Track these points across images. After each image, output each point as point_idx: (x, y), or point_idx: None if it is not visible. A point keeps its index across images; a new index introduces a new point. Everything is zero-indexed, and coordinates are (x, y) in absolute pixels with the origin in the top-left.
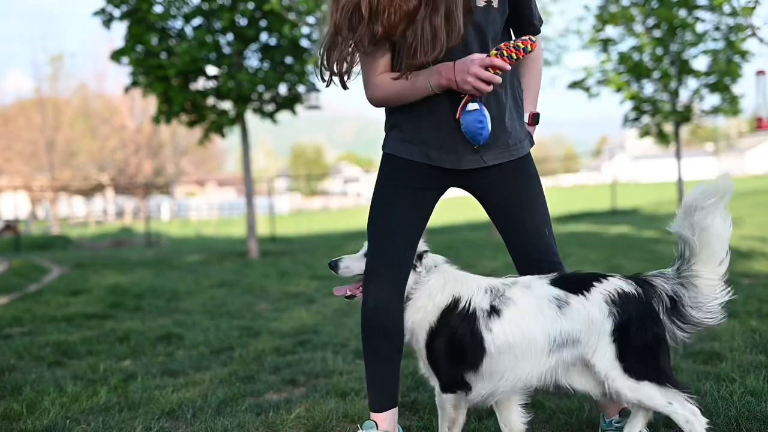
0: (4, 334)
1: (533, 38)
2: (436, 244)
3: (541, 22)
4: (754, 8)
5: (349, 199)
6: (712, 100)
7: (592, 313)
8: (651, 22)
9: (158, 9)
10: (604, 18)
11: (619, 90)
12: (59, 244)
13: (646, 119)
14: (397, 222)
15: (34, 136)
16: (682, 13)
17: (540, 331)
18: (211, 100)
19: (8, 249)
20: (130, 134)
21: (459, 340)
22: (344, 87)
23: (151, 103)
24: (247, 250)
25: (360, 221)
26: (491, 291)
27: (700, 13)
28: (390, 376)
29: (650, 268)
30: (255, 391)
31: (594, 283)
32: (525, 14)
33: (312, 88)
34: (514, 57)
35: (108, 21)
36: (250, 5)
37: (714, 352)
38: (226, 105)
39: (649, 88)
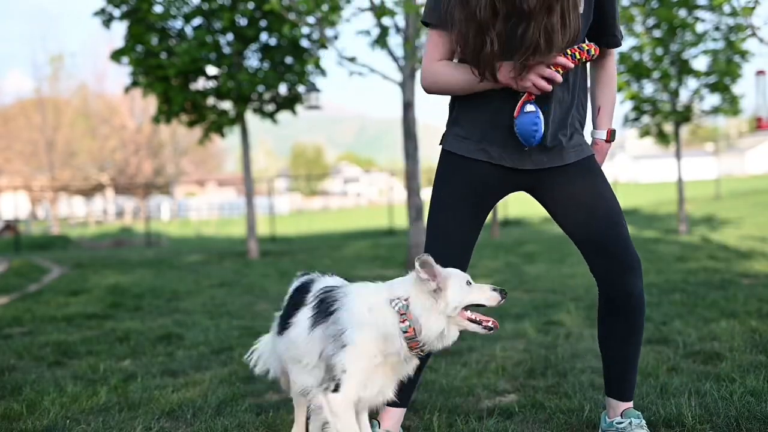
0: (4, 334)
1: (596, 47)
2: None
3: (622, 36)
4: (754, 8)
5: (349, 199)
6: (712, 100)
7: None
8: (651, 22)
9: (158, 9)
10: None
11: (619, 90)
12: (59, 244)
13: (646, 119)
14: (453, 228)
15: (34, 136)
16: (682, 13)
17: None
18: (211, 100)
19: (8, 249)
20: (130, 134)
21: None
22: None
23: (151, 103)
24: (247, 250)
25: (360, 221)
26: None
27: (700, 13)
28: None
29: (650, 268)
30: (255, 391)
31: None
32: (608, 24)
33: (312, 88)
34: (578, 57)
35: (108, 21)
36: (250, 5)
37: (714, 352)
38: (226, 105)
39: (649, 88)
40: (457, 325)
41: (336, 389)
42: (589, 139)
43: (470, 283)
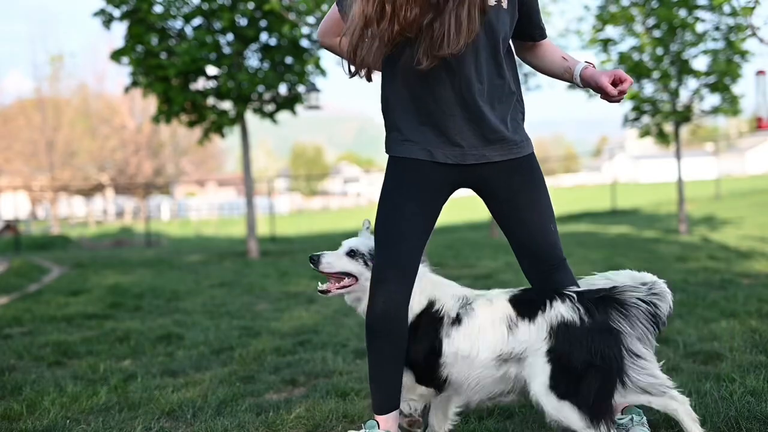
0: (4, 334)
1: None
2: (437, 245)
3: (544, 25)
4: (754, 8)
5: (349, 199)
6: (712, 100)
7: (534, 335)
8: (651, 22)
9: (158, 9)
10: (604, 18)
11: None
12: (59, 244)
13: (646, 119)
14: (404, 226)
15: (34, 136)
16: (682, 13)
17: (487, 345)
18: (211, 100)
19: (8, 249)
20: (130, 134)
21: (425, 341)
22: (369, 80)
23: (151, 103)
24: (247, 250)
25: (360, 221)
26: (461, 299)
27: (700, 13)
28: (393, 379)
29: (650, 268)
30: (255, 391)
31: (542, 307)
32: (533, 18)
33: (312, 88)
34: None
35: (108, 21)
36: (250, 5)
37: (714, 352)
38: (226, 105)
39: (649, 88)
40: None
41: None
42: (577, 78)
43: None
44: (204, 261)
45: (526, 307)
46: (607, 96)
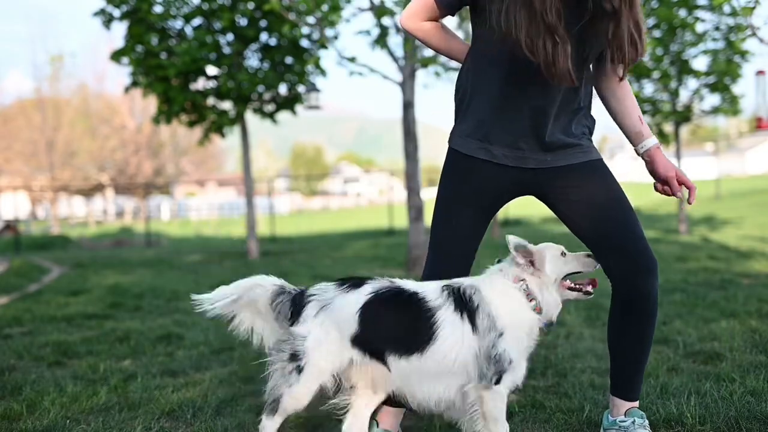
0: (4, 334)
1: None
2: None
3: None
4: (754, 8)
5: (349, 199)
6: (712, 100)
7: None
8: (651, 22)
9: (158, 9)
10: None
11: None
12: (59, 244)
13: (646, 119)
14: (456, 234)
15: (34, 136)
16: (682, 13)
17: None
18: (211, 100)
19: (8, 249)
20: (130, 134)
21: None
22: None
23: (151, 103)
24: (247, 250)
25: (360, 221)
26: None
27: (700, 13)
28: None
29: None
30: (255, 391)
31: None
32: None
33: (312, 88)
34: None
35: (108, 21)
36: (250, 5)
37: (714, 352)
38: (226, 105)
39: (649, 88)
40: (560, 296)
41: (498, 381)
42: (644, 149)
43: (564, 254)
44: (204, 261)
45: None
46: (667, 190)
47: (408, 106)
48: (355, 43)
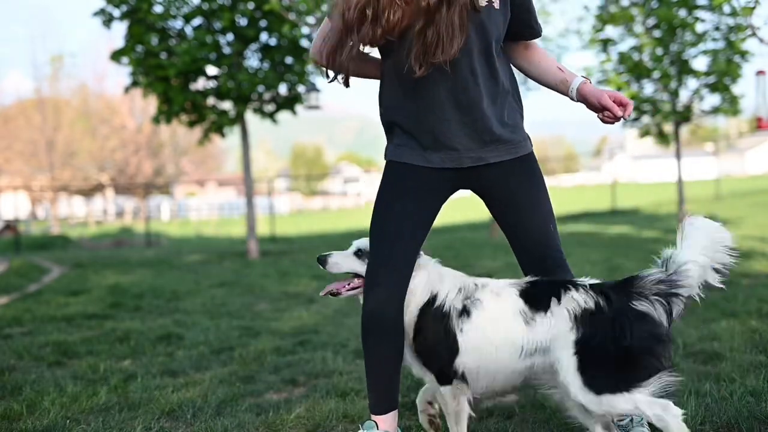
0: (4, 334)
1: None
2: (436, 244)
3: (540, 26)
4: (754, 8)
5: (349, 199)
6: (712, 100)
7: (556, 326)
8: (651, 22)
9: (158, 9)
10: (604, 18)
11: (619, 90)
12: (59, 244)
13: (646, 119)
14: (398, 225)
15: (34, 136)
16: (682, 13)
17: (506, 338)
18: (211, 100)
19: (8, 249)
20: (130, 134)
21: (436, 336)
22: (347, 85)
23: (151, 103)
24: (247, 250)
25: (360, 221)
26: (463, 290)
27: (700, 13)
28: (390, 378)
29: (650, 268)
30: (255, 391)
31: (559, 295)
32: (524, 18)
33: (312, 88)
34: None
35: (108, 21)
36: (250, 5)
37: (714, 352)
38: (226, 105)
39: (649, 88)
40: None
41: None
42: (574, 91)
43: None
44: (204, 261)
45: (539, 298)
46: (609, 116)
47: None
48: None
